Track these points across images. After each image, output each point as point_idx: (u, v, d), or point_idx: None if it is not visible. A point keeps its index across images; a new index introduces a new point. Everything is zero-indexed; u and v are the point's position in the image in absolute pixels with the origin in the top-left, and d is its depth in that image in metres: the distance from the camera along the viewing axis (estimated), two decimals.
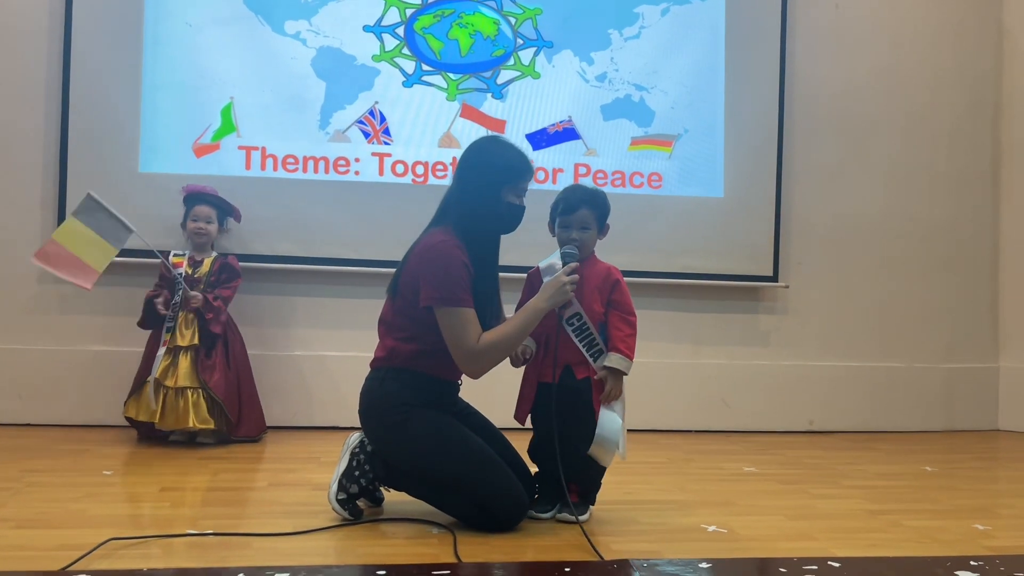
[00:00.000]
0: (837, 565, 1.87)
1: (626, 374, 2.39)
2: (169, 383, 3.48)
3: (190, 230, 3.76)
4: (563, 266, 2.38)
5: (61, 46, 3.94)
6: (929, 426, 4.59)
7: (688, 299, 4.41)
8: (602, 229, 2.50)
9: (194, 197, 3.78)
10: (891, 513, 2.64)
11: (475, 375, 2.37)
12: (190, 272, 3.69)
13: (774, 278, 4.45)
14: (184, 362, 3.54)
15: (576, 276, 2.35)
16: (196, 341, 3.58)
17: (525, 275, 2.55)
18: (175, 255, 3.72)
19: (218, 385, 3.55)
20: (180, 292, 3.59)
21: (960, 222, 4.72)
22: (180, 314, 3.59)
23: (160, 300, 3.60)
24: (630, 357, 2.40)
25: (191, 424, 3.46)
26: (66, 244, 3.36)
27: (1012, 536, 2.40)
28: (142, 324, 3.68)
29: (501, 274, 2.54)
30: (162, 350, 3.53)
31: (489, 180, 2.40)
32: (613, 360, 2.38)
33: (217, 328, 3.61)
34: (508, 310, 2.50)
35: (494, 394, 2.67)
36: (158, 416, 3.45)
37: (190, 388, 3.50)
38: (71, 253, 3.38)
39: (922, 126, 4.66)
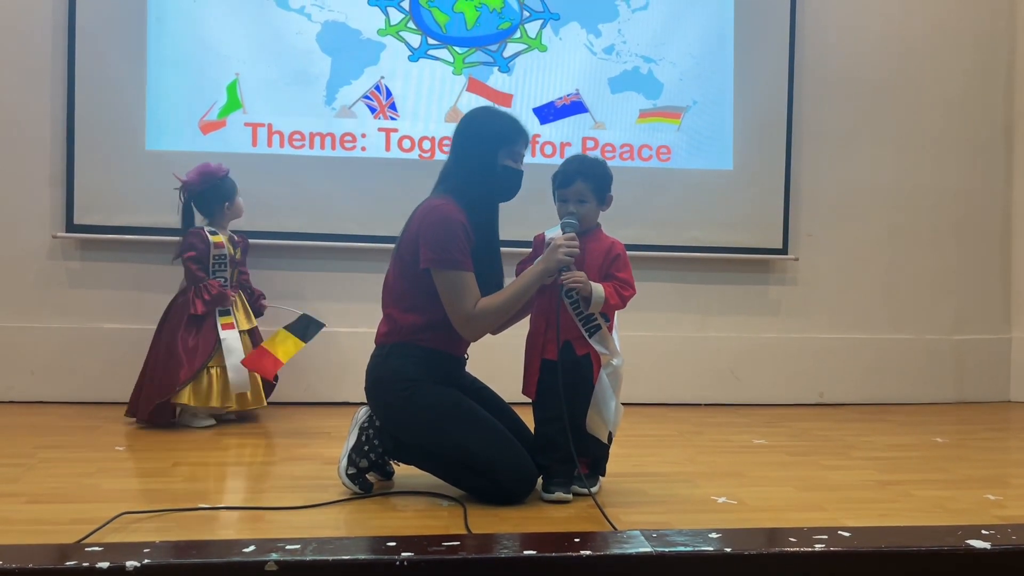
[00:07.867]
0: (847, 535, 1.87)
1: (593, 309, 2.32)
2: None
3: (242, 209, 3.69)
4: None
5: (66, 23, 3.91)
6: (940, 398, 4.57)
7: (697, 272, 4.38)
8: (602, 200, 2.44)
9: (231, 180, 3.65)
10: (901, 483, 2.64)
11: (471, 339, 2.43)
12: (232, 252, 3.62)
13: (784, 250, 4.43)
14: (247, 344, 3.56)
15: (574, 243, 2.32)
16: (253, 323, 3.65)
17: (530, 250, 2.54)
18: (210, 231, 3.57)
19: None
20: (232, 272, 3.61)
21: (971, 190, 4.66)
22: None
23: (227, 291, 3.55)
24: (610, 302, 2.33)
25: (251, 404, 3.54)
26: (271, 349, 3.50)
27: (1023, 506, 2.39)
28: (201, 312, 3.48)
29: (507, 248, 2.54)
30: (231, 333, 3.48)
31: (484, 145, 2.42)
32: (597, 288, 2.32)
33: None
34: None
35: (500, 368, 2.67)
36: (233, 400, 3.45)
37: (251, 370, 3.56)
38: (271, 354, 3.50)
39: (933, 92, 4.59)
